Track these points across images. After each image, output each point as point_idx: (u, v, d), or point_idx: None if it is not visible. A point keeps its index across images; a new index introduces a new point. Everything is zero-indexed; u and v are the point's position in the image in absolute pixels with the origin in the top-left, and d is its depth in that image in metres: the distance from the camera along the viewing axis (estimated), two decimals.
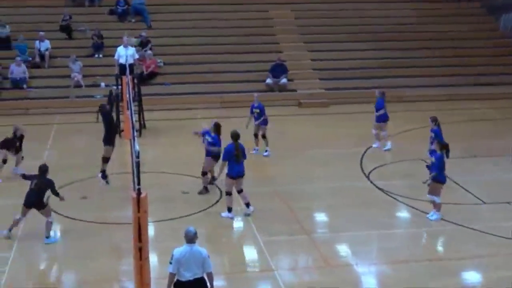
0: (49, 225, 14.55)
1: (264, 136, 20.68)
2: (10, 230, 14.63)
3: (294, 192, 17.55)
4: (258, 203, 16.34)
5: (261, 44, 30.01)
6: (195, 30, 30.28)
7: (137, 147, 10.72)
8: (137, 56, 24.78)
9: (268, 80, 27.88)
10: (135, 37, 26.79)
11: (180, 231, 14.10)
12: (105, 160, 17.95)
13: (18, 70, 26.69)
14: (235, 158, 15.51)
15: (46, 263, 14.20)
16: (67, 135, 23.20)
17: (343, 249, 14.50)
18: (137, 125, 20.96)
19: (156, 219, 15.25)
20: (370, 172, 19.13)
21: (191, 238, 10.61)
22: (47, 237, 14.55)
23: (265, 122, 20.71)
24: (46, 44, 27.95)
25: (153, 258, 12.56)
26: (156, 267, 12.82)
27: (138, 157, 10.62)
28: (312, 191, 17.77)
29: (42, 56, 27.85)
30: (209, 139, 17.16)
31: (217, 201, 16.86)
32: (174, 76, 28.20)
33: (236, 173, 15.59)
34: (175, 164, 19.66)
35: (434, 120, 18.60)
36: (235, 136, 15.70)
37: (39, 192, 14.49)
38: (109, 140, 18.01)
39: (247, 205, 15.95)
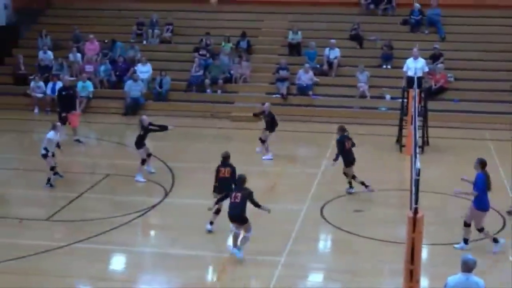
0: (245, 240, 13.74)
1: None
2: (238, 249, 13.81)
3: None
4: None
5: None
6: (491, 45, 28.58)
7: (418, 165, 10.45)
8: (426, 69, 23.88)
9: None
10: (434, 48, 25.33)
11: (456, 258, 13.36)
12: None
13: (305, 76, 27.04)
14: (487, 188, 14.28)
15: (312, 272, 13.99)
16: None
17: None
18: (420, 141, 20.11)
19: (430, 242, 14.46)
20: None
21: (469, 267, 9.89)
22: (239, 249, 13.73)
23: None
24: (336, 52, 28.03)
25: (423, 283, 12.13)
26: None
27: (418, 175, 10.34)
28: None
29: (330, 64, 27.94)
30: None
31: (499, 231, 15.59)
32: (464, 92, 26.85)
33: (488, 205, 14.39)
34: (457, 185, 18.47)
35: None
36: (483, 163, 14.43)
37: (242, 206, 13.72)
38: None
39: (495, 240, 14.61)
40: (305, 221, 16.01)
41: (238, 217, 13.68)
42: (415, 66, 22.82)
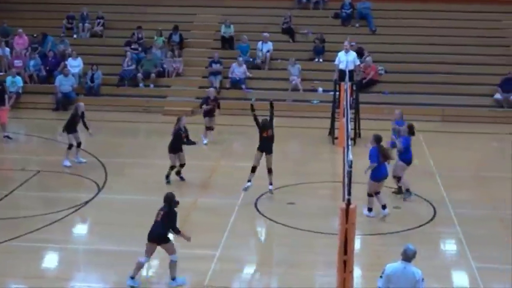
0: (173, 266, 12.61)
1: None
2: (133, 277, 12.58)
3: None
4: (476, 226, 15.50)
5: (491, 55, 28.28)
6: (420, 38, 29.14)
7: (350, 157, 10.41)
8: (358, 62, 24.13)
9: (497, 95, 26.14)
10: (350, 45, 25.21)
11: (388, 247, 13.68)
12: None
13: (239, 70, 27.07)
14: (379, 160, 15.68)
15: (247, 265, 14.01)
16: (281, 139, 22.91)
17: None
18: (352, 134, 20.36)
19: (363, 232, 14.72)
20: None
21: (408, 256, 10.03)
22: (173, 278, 12.62)
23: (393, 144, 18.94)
24: (269, 45, 28.13)
25: (357, 273, 12.28)
26: (360, 282, 12.57)
27: (350, 166, 10.36)
28: None
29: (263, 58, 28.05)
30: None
31: (431, 220, 15.97)
32: (394, 85, 27.28)
33: (383, 176, 15.81)
34: (390, 176, 18.82)
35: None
36: (378, 139, 15.85)
37: (164, 225, 12.56)
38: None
39: (384, 206, 15.92)
40: (240, 214, 16.06)
41: (159, 237, 12.52)
42: (346, 59, 23.03)
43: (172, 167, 17.98)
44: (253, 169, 17.04)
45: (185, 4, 31.17)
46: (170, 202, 12.62)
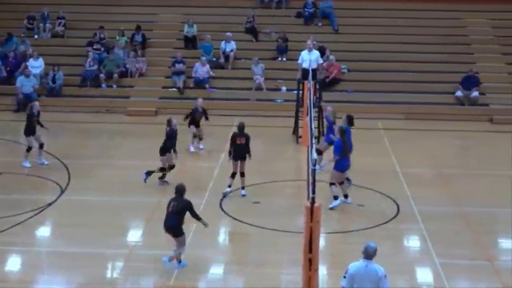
0: (176, 254, 13.16)
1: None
2: (169, 260, 13.21)
3: (480, 215, 16.36)
4: (439, 223, 15.68)
5: (453, 53, 28.56)
6: (383, 37, 29.36)
7: (314, 155, 10.43)
8: (321, 61, 24.20)
9: (458, 93, 26.43)
10: (313, 44, 25.14)
11: (353, 245, 13.79)
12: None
13: (202, 70, 27.01)
14: (344, 153, 16.20)
15: (213, 265, 13.99)
16: None
17: None
18: (315, 132, 20.41)
19: (328, 230, 14.75)
20: None
21: (369, 254, 10.02)
22: (179, 261, 13.17)
23: (327, 139, 19.03)
24: (232, 45, 28.12)
25: (322, 271, 12.27)
26: (325, 280, 12.60)
27: (314, 165, 10.37)
28: (501, 216, 16.38)
29: (226, 57, 28.02)
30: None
31: (394, 217, 16.07)
32: (357, 83, 27.44)
33: (346, 167, 16.36)
34: (353, 174, 18.94)
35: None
36: (343, 131, 16.38)
37: (176, 216, 13.06)
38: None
39: (346, 196, 16.59)
40: (205, 214, 15.82)
41: (171, 228, 13.01)
42: (309, 58, 23.08)
43: (162, 169, 17.84)
44: (233, 175, 17.18)
45: (148, 4, 31.00)
46: (181, 193, 13.10)
